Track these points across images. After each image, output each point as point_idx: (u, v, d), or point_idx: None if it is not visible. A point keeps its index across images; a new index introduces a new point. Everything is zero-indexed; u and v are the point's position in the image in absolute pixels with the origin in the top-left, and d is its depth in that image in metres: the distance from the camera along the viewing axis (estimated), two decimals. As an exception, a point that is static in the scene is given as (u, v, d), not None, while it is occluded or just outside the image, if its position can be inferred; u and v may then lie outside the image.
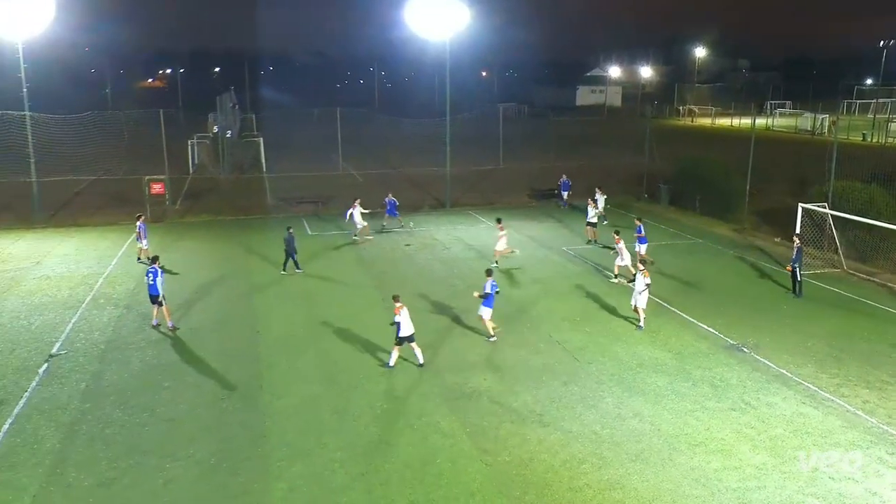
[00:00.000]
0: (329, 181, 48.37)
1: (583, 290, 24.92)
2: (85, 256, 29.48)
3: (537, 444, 14.74)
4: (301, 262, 27.24)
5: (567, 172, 42.38)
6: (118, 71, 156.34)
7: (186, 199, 41.07)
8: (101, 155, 51.95)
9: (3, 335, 20.60)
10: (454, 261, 29.11)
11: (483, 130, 62.69)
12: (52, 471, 13.78)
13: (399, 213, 34.61)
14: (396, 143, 64.77)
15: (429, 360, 18.79)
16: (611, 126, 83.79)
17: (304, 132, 74.12)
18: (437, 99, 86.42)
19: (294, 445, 14.68)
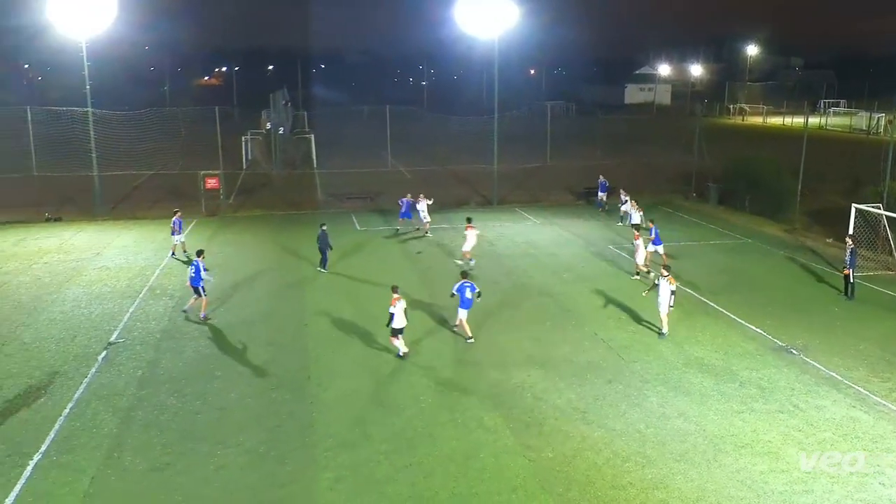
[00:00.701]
0: (378, 177, 48.85)
1: (628, 289, 24.78)
2: (142, 248, 30.42)
3: (581, 441, 14.79)
4: (349, 256, 27.67)
5: (613, 171, 42.11)
6: (176, 69, 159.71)
7: (240, 194, 41.98)
8: (158, 150, 53.39)
9: (66, 323, 21.43)
10: (499, 257, 29.21)
11: (530, 128, 62.59)
12: (109, 454, 14.31)
13: (413, 216, 33.09)
14: (444, 141, 65.03)
15: (473, 356, 18.99)
16: (660, 124, 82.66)
17: (355, 129, 74.86)
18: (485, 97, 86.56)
19: (340, 436, 14.98)
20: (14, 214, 36.33)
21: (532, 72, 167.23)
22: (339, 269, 27.12)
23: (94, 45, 37.48)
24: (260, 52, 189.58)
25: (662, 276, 20.06)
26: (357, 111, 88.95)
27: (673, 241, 32.06)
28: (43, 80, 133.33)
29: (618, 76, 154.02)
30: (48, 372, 17.97)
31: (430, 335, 20.53)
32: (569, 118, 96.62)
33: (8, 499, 12.77)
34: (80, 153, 41.75)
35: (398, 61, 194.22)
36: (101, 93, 41.58)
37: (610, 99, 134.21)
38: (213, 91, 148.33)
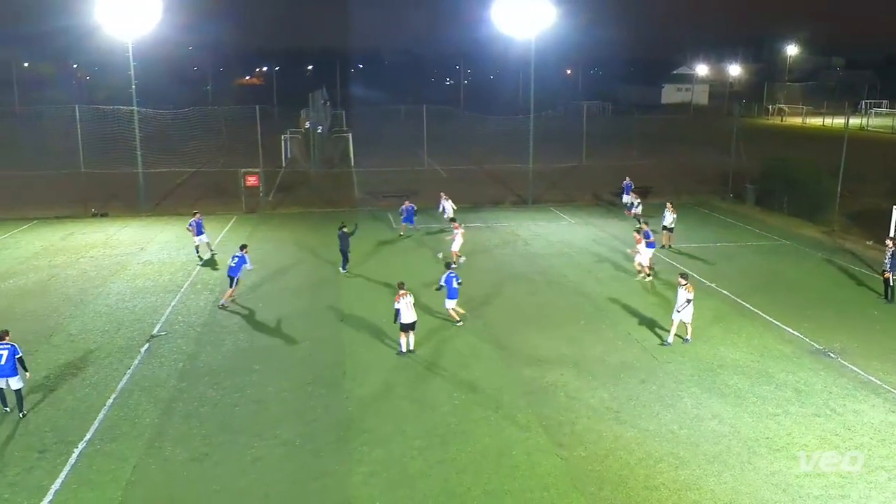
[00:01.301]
0: (414, 176, 49.12)
1: (662, 289, 24.66)
2: (184, 244, 31.04)
3: (613, 441, 14.81)
4: (385, 254, 27.92)
5: (649, 171, 41.83)
6: (218, 69, 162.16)
7: (279, 192, 42.59)
8: (201, 148, 54.27)
9: (110, 315, 22.03)
10: (534, 256, 29.25)
11: (566, 128, 62.35)
12: (150, 444, 14.71)
13: (415, 223, 32.78)
14: (480, 140, 65.12)
15: (506, 354, 19.10)
16: (697, 125, 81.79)
17: (392, 128, 75.33)
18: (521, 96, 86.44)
19: (374, 431, 15.20)
20: (62, 210, 37.41)
21: (568, 72, 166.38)
22: (375, 267, 27.41)
23: (140, 45, 38.36)
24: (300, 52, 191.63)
25: (680, 284, 19.45)
26: (394, 110, 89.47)
27: (709, 241, 31.82)
28: (91, 79, 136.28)
29: (655, 76, 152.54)
30: (93, 363, 18.53)
31: (464, 333, 20.67)
32: (605, 118, 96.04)
33: (54, 485, 13.22)
34: (125, 151, 42.69)
35: (436, 61, 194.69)
36: (146, 92, 42.51)
37: (647, 99, 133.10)
38: (253, 90, 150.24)
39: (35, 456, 14.16)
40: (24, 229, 33.91)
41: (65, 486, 13.21)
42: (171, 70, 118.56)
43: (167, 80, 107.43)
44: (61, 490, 13.10)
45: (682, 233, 32.42)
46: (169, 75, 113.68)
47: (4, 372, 15.50)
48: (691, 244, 31.02)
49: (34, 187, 43.77)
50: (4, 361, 15.48)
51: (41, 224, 35.01)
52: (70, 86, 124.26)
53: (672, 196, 35.09)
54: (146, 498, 13.01)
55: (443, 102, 77.62)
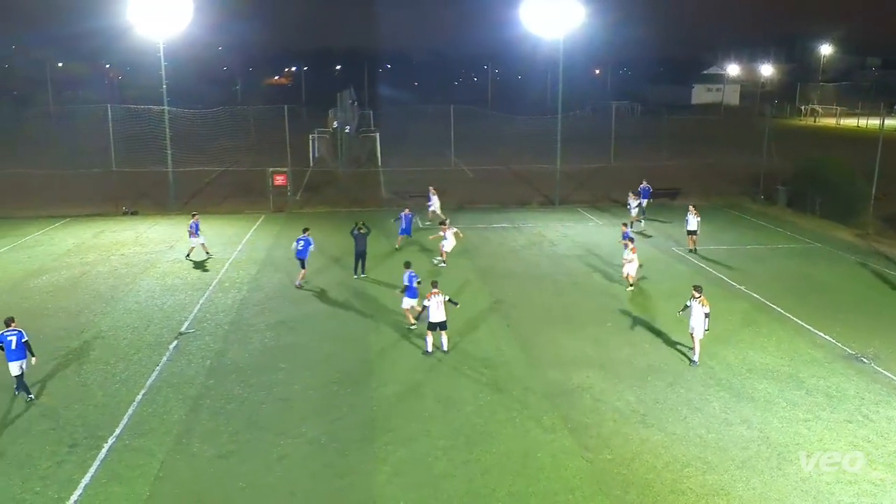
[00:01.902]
0: (441, 176, 49.09)
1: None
2: (212, 242, 31.26)
3: (640, 445, 14.68)
4: (412, 254, 27.94)
5: (679, 172, 41.39)
6: (248, 69, 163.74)
7: (306, 191, 42.86)
8: (229, 148, 54.92)
9: (140, 313, 22.31)
10: (560, 257, 29.12)
11: (594, 128, 62.11)
12: (178, 440, 14.86)
13: (412, 233, 30.58)
14: (507, 140, 64.99)
15: (532, 355, 19.02)
16: (727, 125, 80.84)
17: (419, 128, 75.40)
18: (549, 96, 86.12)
19: (399, 431, 15.22)
20: (94, 208, 37.96)
21: (597, 71, 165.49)
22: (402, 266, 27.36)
23: (171, 45, 38.78)
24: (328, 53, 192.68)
25: (694, 297, 18.31)
26: (422, 110, 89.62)
27: (739, 244, 31.44)
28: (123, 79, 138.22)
29: (685, 76, 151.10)
30: (123, 359, 18.76)
31: (490, 334, 20.63)
32: (634, 118, 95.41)
33: (84, 479, 13.40)
34: (155, 150, 43.27)
35: (463, 61, 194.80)
36: (177, 92, 42.96)
37: (676, 99, 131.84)
38: (282, 90, 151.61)
39: (66, 450, 14.37)
40: (57, 226, 34.47)
41: (94, 481, 13.39)
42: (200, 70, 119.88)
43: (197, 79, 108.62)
44: (91, 484, 13.27)
45: (712, 234, 32.09)
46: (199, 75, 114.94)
47: (14, 356, 16.20)
48: (721, 246, 30.68)
49: (67, 186, 44.44)
50: (15, 346, 16.22)
51: (74, 221, 35.54)
52: (103, 85, 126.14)
53: (701, 197, 34.82)
54: (174, 493, 13.14)
55: (470, 102, 77.62)
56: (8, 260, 28.37)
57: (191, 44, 54.24)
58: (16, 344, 16.29)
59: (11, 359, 16.23)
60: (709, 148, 62.69)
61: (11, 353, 16.21)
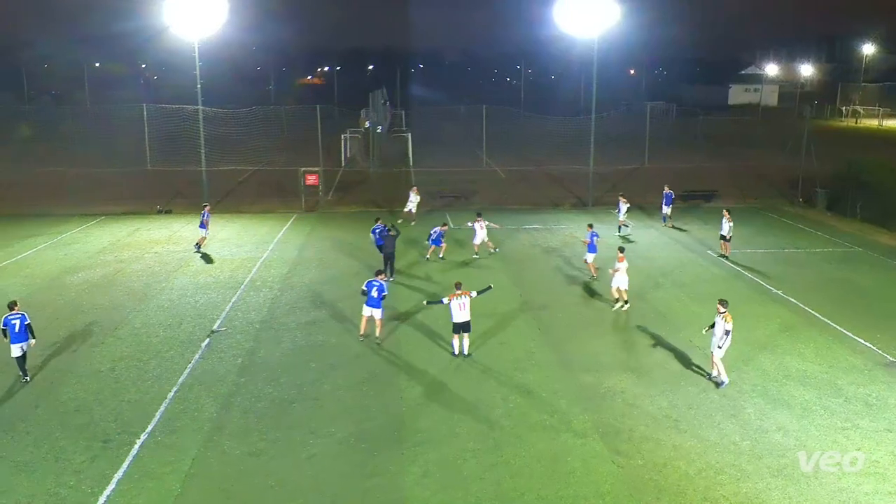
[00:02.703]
0: (472, 177, 49.02)
1: (727, 296, 23.67)
2: (245, 241, 31.63)
3: (672, 450, 14.45)
4: (444, 254, 27.93)
5: (715, 174, 40.78)
6: (281, 69, 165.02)
7: (338, 191, 43.02)
8: (262, 147, 55.34)
9: (172, 310, 22.53)
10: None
11: (628, 129, 61.46)
12: (209, 437, 14.96)
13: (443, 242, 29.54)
14: (540, 141, 64.64)
15: (563, 359, 18.84)
16: (765, 126, 79.62)
17: (451, 128, 75.38)
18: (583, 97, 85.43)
19: (428, 432, 15.15)
20: (129, 206, 38.51)
21: (632, 72, 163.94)
22: (433, 267, 27.39)
23: (206, 45, 39.14)
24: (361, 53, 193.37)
25: (718, 312, 17.13)
26: (454, 110, 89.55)
27: (776, 247, 30.89)
28: (158, 79, 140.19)
29: (722, 76, 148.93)
30: (156, 356, 18.96)
31: (520, 336, 20.50)
32: (669, 119, 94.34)
33: (117, 474, 13.54)
34: (189, 149, 43.77)
35: (496, 61, 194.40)
36: (211, 91, 43.43)
37: (713, 100, 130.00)
38: (314, 90, 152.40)
39: (99, 445, 14.55)
40: (93, 224, 35.01)
41: (127, 476, 13.53)
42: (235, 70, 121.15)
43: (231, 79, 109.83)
44: (123, 479, 13.41)
45: (748, 238, 31.60)
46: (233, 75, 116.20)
47: (19, 338, 17.11)
48: (758, 250, 30.16)
49: (103, 184, 45.12)
50: (18, 329, 17.10)
51: (109, 220, 36.07)
52: (139, 85, 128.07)
53: (738, 200, 34.25)
54: (204, 490, 13.22)
55: (503, 102, 77.20)
56: (45, 257, 28.87)
57: (225, 44, 54.83)
58: (19, 327, 17.14)
59: (14, 341, 17.10)
60: (746, 149, 61.83)
61: (15, 336, 17.06)
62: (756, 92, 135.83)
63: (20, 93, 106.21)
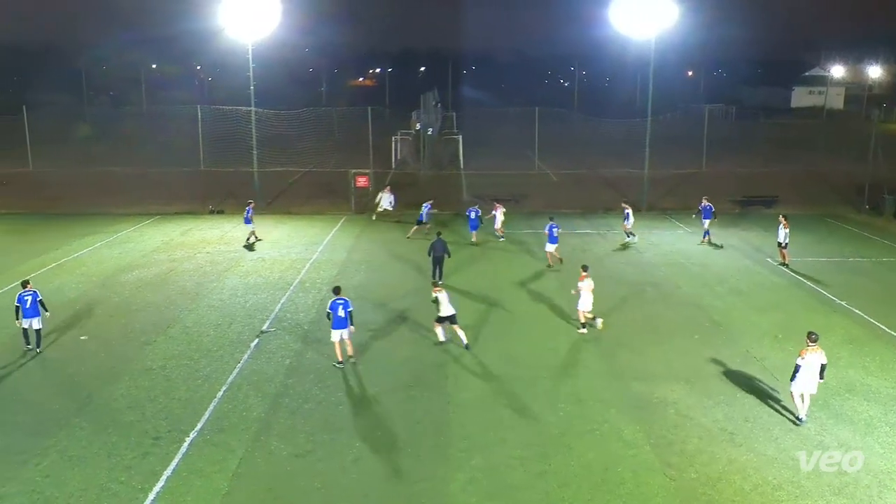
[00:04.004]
0: (523, 180, 48.64)
1: (787, 305, 23.26)
2: (295, 242, 31.85)
3: (727, 464, 13.95)
4: (491, 258, 27.67)
5: (775, 178, 39.66)
6: (333, 70, 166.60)
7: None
8: (313, 149, 55.83)
9: (223, 310, 22.76)
10: (647, 266, 28.24)
11: (685, 132, 60.32)
12: (256, 437, 14.99)
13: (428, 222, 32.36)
14: (593, 144, 63.93)
15: (614, 367, 18.42)
16: (830, 130, 77.28)
17: (502, 131, 74.91)
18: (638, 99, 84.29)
19: (474, 438, 14.93)
20: (182, 206, 39.20)
21: (690, 73, 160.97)
22: (480, 270, 27.19)
23: (260, 47, 39.66)
24: (412, 54, 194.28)
25: (808, 345, 15.16)
26: (506, 112, 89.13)
27: (840, 256, 29.86)
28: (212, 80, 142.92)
29: (784, 78, 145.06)
30: (206, 355, 19.14)
31: (571, 343, 20.14)
32: (728, 122, 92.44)
33: (166, 471, 13.66)
34: (242, 150, 44.38)
35: (549, 62, 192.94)
36: (264, 92, 43.91)
37: (774, 102, 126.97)
38: (366, 92, 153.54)
39: (150, 442, 14.69)
40: (148, 224, 35.72)
41: (176, 473, 13.63)
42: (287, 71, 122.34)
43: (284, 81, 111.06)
44: (172, 476, 13.51)
45: (810, 245, 30.63)
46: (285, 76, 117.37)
47: (30, 314, 18.59)
48: (820, 258, 29.16)
49: (158, 184, 46.07)
50: (29, 305, 18.56)
51: (163, 219, 36.76)
52: (193, 86, 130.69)
53: (800, 206, 33.18)
54: (251, 490, 13.23)
55: (556, 104, 76.72)
56: (101, 255, 29.53)
57: (279, 45, 55.45)
58: (30, 303, 18.60)
59: (27, 316, 18.61)
60: (809, 154, 60.14)
61: (27, 311, 18.55)
62: (820, 94, 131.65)
63: (80, 94, 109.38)
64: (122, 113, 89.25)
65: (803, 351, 15.12)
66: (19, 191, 44.26)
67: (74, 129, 71.63)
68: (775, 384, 17.35)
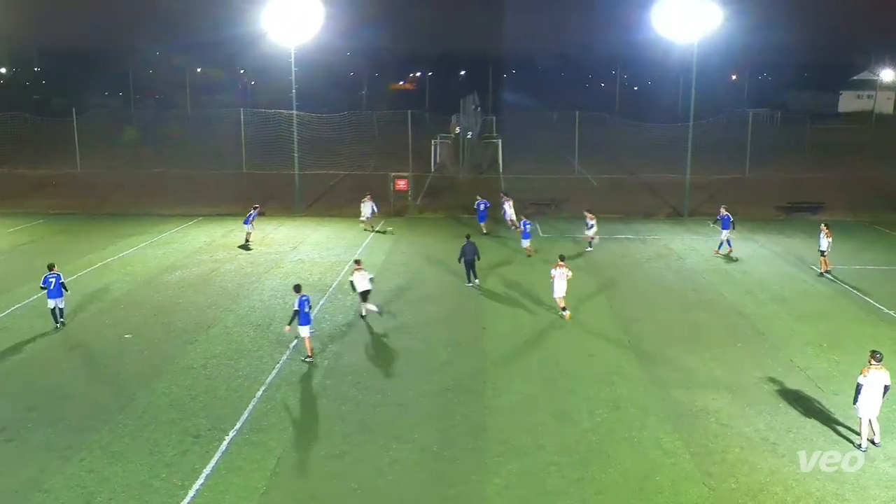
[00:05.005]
0: (563, 184, 48.36)
1: (832, 314, 22.74)
2: (334, 244, 32.10)
3: (769, 475, 13.67)
4: (531, 262, 27.53)
5: (821, 185, 38.81)
6: (373, 74, 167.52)
7: (426, 196, 43.18)
8: (353, 152, 56.22)
9: (263, 311, 23.02)
10: (688, 272, 27.85)
11: (729, 137, 59.35)
12: (294, 438, 15.13)
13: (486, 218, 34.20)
14: (634, 148, 63.24)
15: (653, 374, 18.19)
16: (879, 135, 75.51)
17: (542, 135, 74.67)
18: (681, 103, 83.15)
19: (511, 443, 14.87)
20: (225, 207, 39.76)
21: (734, 77, 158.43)
22: (520, 275, 27.08)
23: (302, 51, 40.06)
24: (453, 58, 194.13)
25: (871, 363, 14.42)
26: (546, 116, 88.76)
27: (888, 264, 29.16)
28: (255, 84, 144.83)
29: (831, 82, 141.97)
30: (246, 355, 19.38)
31: (610, 349, 19.97)
32: (773, 127, 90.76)
33: (205, 469, 13.85)
34: (283, 153, 44.87)
35: (590, 66, 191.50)
36: (306, 96, 44.45)
37: (821, 107, 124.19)
38: (406, 95, 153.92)
39: (190, 440, 14.91)
40: (191, 225, 36.33)
41: (215, 471, 13.81)
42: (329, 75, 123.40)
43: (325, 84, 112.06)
44: (212, 474, 13.69)
45: (856, 253, 29.94)
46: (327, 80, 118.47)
47: (54, 294, 20.92)
48: (866, 266, 28.49)
49: (201, 186, 46.86)
50: (54, 286, 20.86)
51: (206, 220, 37.35)
52: (237, 90, 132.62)
53: (847, 212, 32.41)
54: (288, 489, 13.35)
55: (596, 109, 76.01)
56: (145, 255, 30.11)
57: (320, 49, 55.96)
58: (55, 284, 20.90)
59: (51, 296, 20.93)
60: (857, 159, 58.79)
61: (51, 292, 20.89)
62: (869, 98, 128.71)
63: (127, 98, 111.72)
64: (168, 116, 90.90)
65: (865, 369, 14.42)
66: (68, 192, 45.43)
67: (121, 131, 73.20)
68: (819, 395, 16.98)
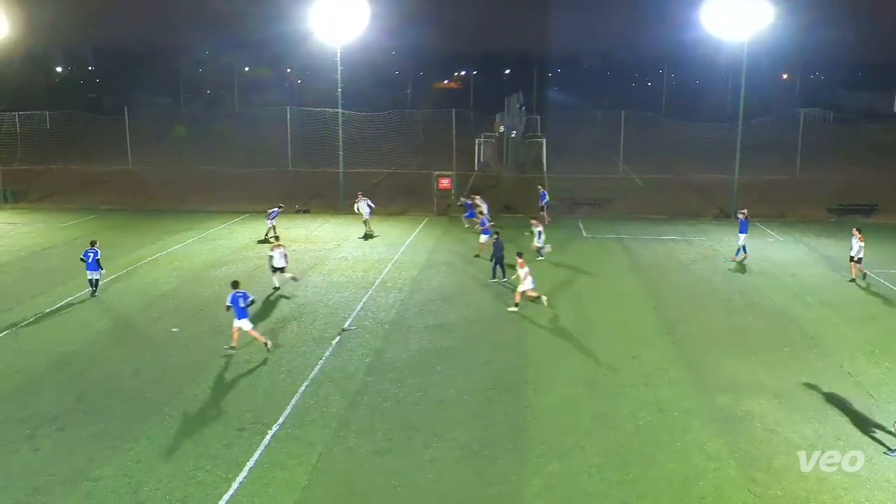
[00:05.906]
0: (607, 184, 47.93)
1: (884, 320, 22.15)
2: (377, 242, 32.31)
3: (816, 483, 13.37)
4: (575, 263, 27.35)
5: (876, 187, 37.75)
6: (418, 73, 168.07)
7: (470, 195, 43.06)
8: (397, 150, 56.48)
9: (307, 307, 23.29)
10: (734, 275, 27.39)
11: (779, 137, 58.15)
12: (336, 433, 15.26)
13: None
14: (681, 148, 62.36)
15: (698, 377, 17.92)
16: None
17: (587, 134, 74.10)
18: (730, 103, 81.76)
19: (552, 444, 14.79)
20: (271, 205, 40.02)
21: (784, 76, 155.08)
22: (564, 275, 26.93)
23: (347, 50, 40.41)
24: (498, 57, 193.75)
25: None
26: (591, 116, 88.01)
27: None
28: (302, 83, 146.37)
29: (887, 81, 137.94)
30: (289, 351, 19.61)
31: (653, 351, 19.72)
32: (825, 127, 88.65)
33: (249, 462, 14.05)
34: (328, 151, 45.31)
35: (637, 65, 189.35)
36: (351, 95, 44.84)
37: (876, 106, 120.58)
38: (451, 94, 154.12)
39: (234, 433, 15.15)
40: (237, 222, 36.92)
41: (258, 465, 13.99)
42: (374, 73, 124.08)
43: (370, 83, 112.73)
44: (255, 468, 13.88)
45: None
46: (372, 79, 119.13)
47: (92, 267, 23.72)
48: None
49: (248, 183, 47.58)
50: (91, 260, 23.61)
51: (252, 217, 37.88)
52: (283, 88, 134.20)
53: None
54: (329, 484, 13.47)
55: (643, 108, 75.07)
56: (193, 251, 30.69)
57: (366, 48, 56.39)
58: (92, 259, 23.61)
59: (89, 269, 23.69)
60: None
61: (90, 265, 23.65)
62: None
63: (177, 96, 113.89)
64: (216, 114, 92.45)
65: None
66: (119, 188, 46.57)
67: (171, 129, 74.69)
68: (871, 402, 16.55)
